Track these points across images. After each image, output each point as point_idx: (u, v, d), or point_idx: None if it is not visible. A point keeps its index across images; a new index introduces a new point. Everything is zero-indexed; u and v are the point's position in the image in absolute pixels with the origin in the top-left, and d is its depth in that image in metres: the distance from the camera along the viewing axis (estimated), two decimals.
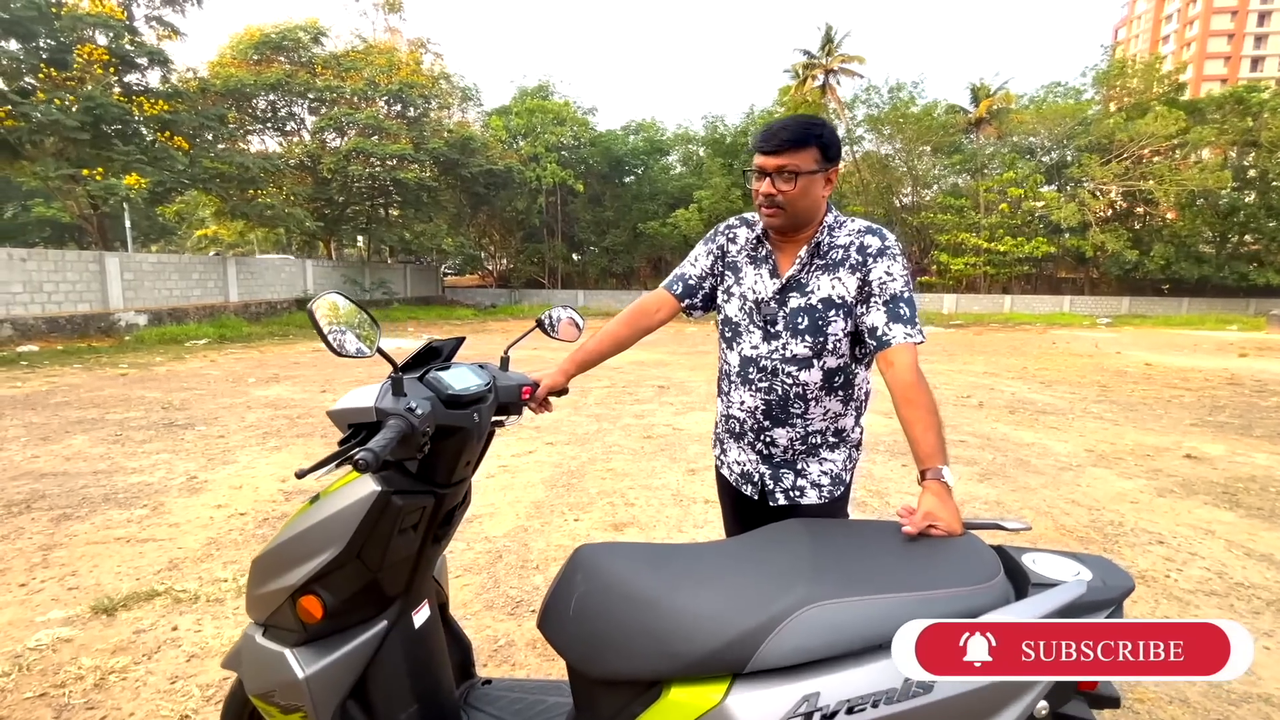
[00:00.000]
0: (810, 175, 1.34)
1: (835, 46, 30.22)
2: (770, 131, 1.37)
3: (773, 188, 1.35)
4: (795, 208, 1.37)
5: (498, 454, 4.79)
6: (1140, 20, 74.88)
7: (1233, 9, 62.77)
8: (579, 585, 1.15)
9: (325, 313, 1.15)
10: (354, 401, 1.17)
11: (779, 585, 1.00)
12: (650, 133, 27.67)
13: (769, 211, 1.39)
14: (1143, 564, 3.02)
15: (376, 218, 23.25)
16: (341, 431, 1.19)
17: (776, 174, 1.35)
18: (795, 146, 1.33)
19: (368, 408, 1.13)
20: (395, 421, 1.07)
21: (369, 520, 1.13)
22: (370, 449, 0.98)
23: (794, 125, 1.35)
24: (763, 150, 1.36)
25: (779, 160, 1.34)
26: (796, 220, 1.40)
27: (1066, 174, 25.30)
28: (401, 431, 1.06)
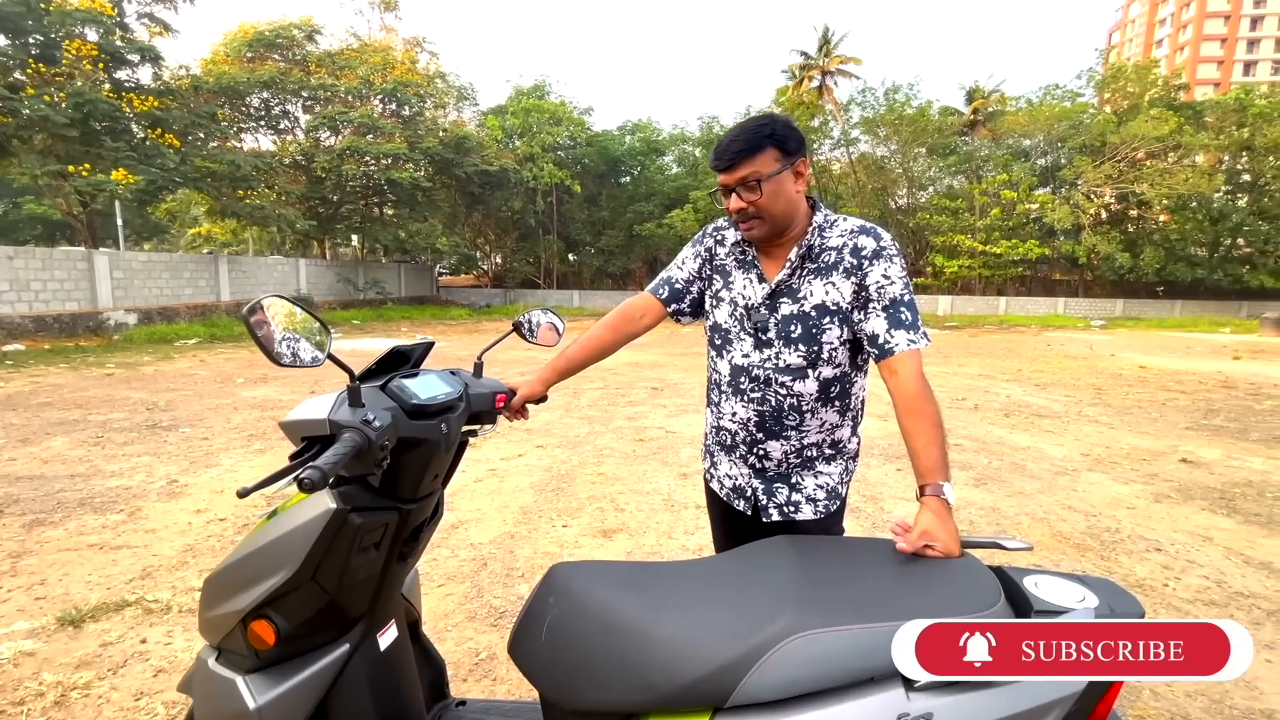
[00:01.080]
0: (775, 176, 1.27)
1: (833, 48, 30.26)
2: (721, 148, 1.30)
3: (741, 202, 1.29)
4: (771, 213, 1.30)
5: (486, 457, 4.72)
6: (1134, 24, 75.25)
7: (1225, 14, 63.17)
8: (551, 608, 1.08)
9: (269, 317, 1.06)
10: (306, 413, 1.09)
11: (764, 612, 0.93)
12: (646, 133, 27.63)
13: (746, 226, 1.33)
14: (1140, 572, 2.96)
15: (371, 217, 23.13)
16: (294, 443, 1.11)
17: (741, 187, 1.28)
18: (749, 154, 1.27)
19: (320, 419, 1.05)
20: (349, 435, 1.00)
21: (324, 540, 1.05)
22: (316, 466, 0.90)
23: (742, 134, 1.28)
24: (718, 168, 1.31)
25: (738, 173, 1.28)
26: (777, 225, 1.33)
27: (1060, 176, 25.37)
28: (356, 446, 0.99)
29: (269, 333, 1.04)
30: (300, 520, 1.07)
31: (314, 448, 1.07)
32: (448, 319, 20.21)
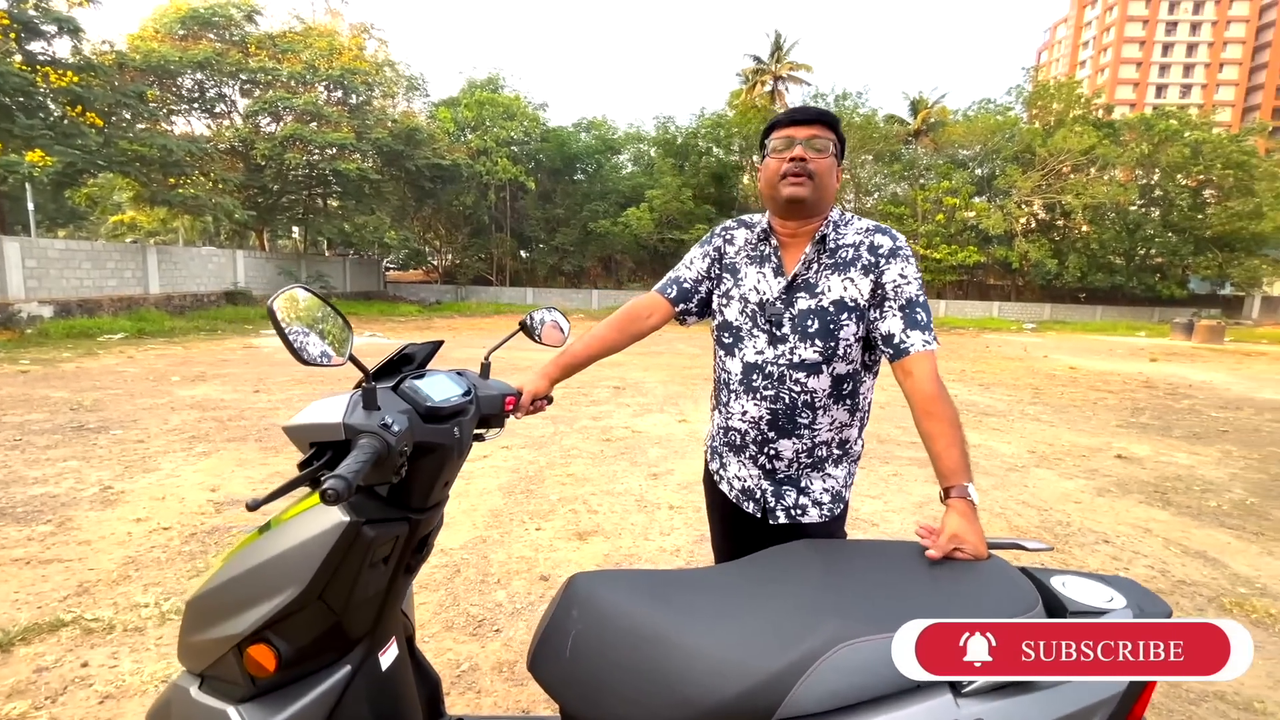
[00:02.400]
0: (834, 155, 1.33)
1: (784, 54, 30.89)
2: (799, 109, 1.36)
3: (804, 153, 1.30)
4: (823, 182, 1.32)
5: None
6: (1060, 45, 79.93)
7: (1141, 39, 67.89)
8: (575, 622, 1.03)
9: (287, 310, 0.98)
10: (317, 416, 1.00)
11: (804, 621, 0.91)
12: (601, 131, 27.50)
13: (797, 180, 1.30)
14: (1093, 564, 3.12)
15: (314, 208, 22.18)
16: (301, 450, 1.02)
17: (807, 143, 1.30)
18: (824, 124, 1.33)
19: (334, 424, 0.97)
20: (368, 441, 0.93)
21: (335, 556, 0.97)
22: (341, 476, 0.83)
23: (821, 110, 1.36)
24: (795, 121, 1.34)
25: (813, 130, 1.31)
26: (820, 198, 1.33)
27: (995, 186, 26.70)
28: (376, 453, 0.92)
29: (290, 327, 0.97)
30: (306, 534, 0.98)
31: (325, 455, 0.99)
32: (396, 315, 19.59)
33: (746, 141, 27.21)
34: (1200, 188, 26.74)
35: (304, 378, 7.67)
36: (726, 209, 26.52)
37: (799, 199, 1.32)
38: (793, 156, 1.30)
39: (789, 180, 1.31)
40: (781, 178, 1.32)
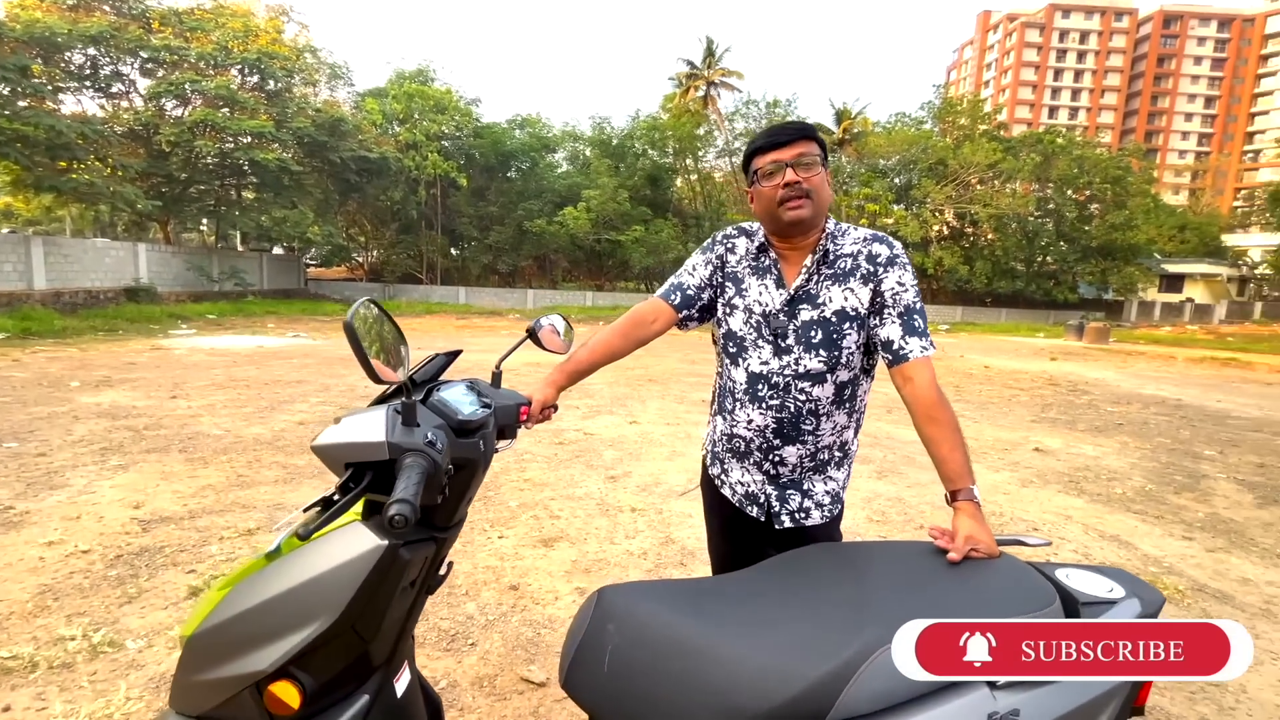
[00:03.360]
0: (822, 164, 1.35)
1: (716, 60, 31.51)
2: (776, 129, 1.36)
3: (797, 175, 1.31)
4: (820, 197, 1.34)
5: None
6: (967, 65, 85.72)
7: (1036, 64, 73.86)
8: (612, 636, 1.02)
9: (361, 326, 0.96)
10: (355, 434, 0.95)
11: (844, 624, 0.95)
12: (536, 128, 27.18)
13: (796, 203, 1.32)
14: (1026, 552, 3.37)
15: (227, 200, 20.73)
16: (336, 473, 0.97)
17: (796, 163, 1.31)
18: (806, 138, 1.33)
19: (377, 442, 0.92)
20: (415, 460, 0.89)
21: (373, 581, 0.92)
22: (406, 500, 0.80)
23: (795, 123, 1.37)
24: (775, 144, 1.34)
25: (797, 149, 1.32)
26: (819, 213, 1.35)
27: (911, 195, 28.35)
28: (425, 472, 0.88)
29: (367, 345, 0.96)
30: (338, 559, 0.93)
31: (363, 476, 0.94)
32: (320, 314, 18.58)
33: (680, 145, 27.65)
34: (1087, 202, 29.44)
35: (225, 383, 7.17)
36: (662, 211, 26.82)
37: (801, 220, 1.34)
38: (787, 181, 1.31)
39: (788, 206, 1.33)
40: (780, 204, 1.33)
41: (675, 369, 10.03)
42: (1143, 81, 74.44)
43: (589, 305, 25.34)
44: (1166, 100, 74.50)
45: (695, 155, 28.98)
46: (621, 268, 28.61)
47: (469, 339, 13.46)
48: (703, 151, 29.41)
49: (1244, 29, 72.33)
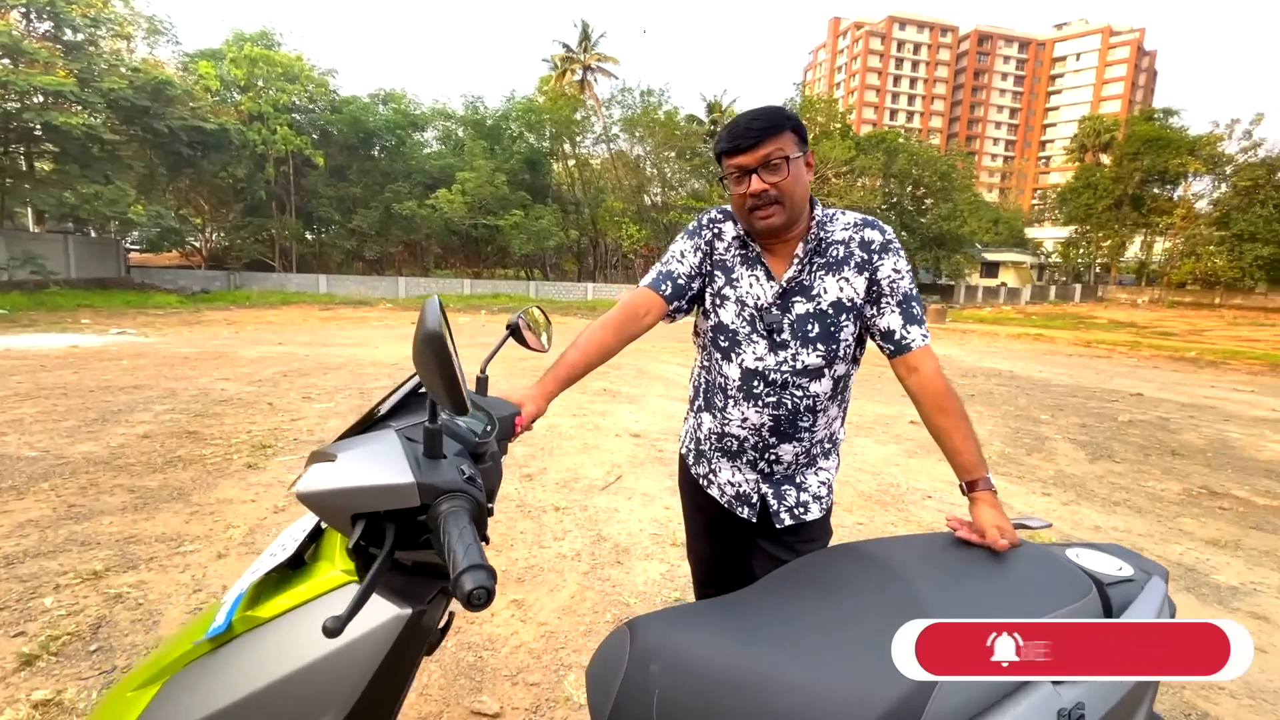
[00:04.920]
0: (796, 159, 1.24)
1: (592, 44, 31.20)
2: (741, 127, 1.23)
3: (762, 183, 1.22)
4: (792, 198, 1.24)
5: (280, 480, 3.90)
6: (821, 66, 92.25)
7: (879, 69, 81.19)
8: (656, 678, 0.89)
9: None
10: (368, 475, 0.74)
11: None
12: (402, 104, 25.32)
13: (765, 213, 1.24)
14: (926, 518, 3.67)
15: (16, 171, 17.24)
16: (337, 527, 0.76)
17: (763, 167, 1.22)
18: (772, 132, 1.22)
19: (404, 484, 0.73)
20: (456, 505, 0.71)
21: (393, 660, 0.73)
22: (481, 565, 0.63)
23: (763, 114, 1.24)
24: (740, 148, 1.23)
25: (761, 151, 1.21)
26: (794, 212, 1.27)
27: None
28: (473, 518, 0.71)
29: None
30: (343, 638, 0.73)
31: (378, 528, 0.74)
32: (151, 308, 16.10)
33: (558, 129, 27.15)
34: (922, 196, 32.98)
35: (33, 392, 5.96)
36: (541, 196, 26.23)
37: (772, 229, 1.28)
38: (752, 191, 1.23)
39: (757, 215, 1.26)
40: (750, 211, 1.27)
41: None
42: (963, 91, 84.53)
43: (467, 293, 24.26)
44: (982, 109, 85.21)
45: (574, 140, 28.60)
46: (501, 254, 27.68)
47: (338, 332, 12.34)
48: (581, 137, 29.11)
49: (1038, 51, 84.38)
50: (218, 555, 2.89)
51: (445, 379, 0.72)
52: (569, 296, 25.96)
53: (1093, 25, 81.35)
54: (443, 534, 0.68)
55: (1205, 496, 4.33)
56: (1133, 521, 3.79)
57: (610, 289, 27.16)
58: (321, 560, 0.80)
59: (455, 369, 0.73)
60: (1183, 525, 3.77)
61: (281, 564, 0.80)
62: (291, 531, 0.89)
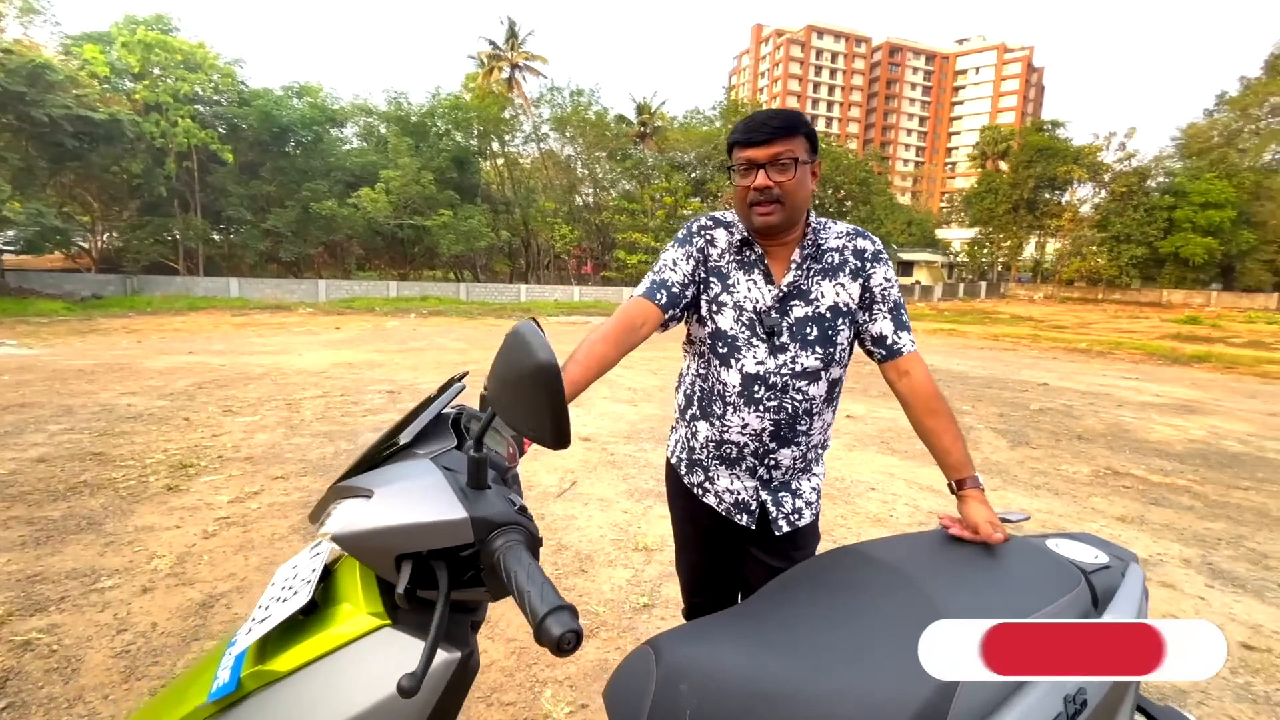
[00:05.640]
0: (805, 165, 1.27)
1: (520, 42, 30.72)
2: (757, 122, 1.26)
3: (768, 179, 1.25)
4: (794, 200, 1.27)
5: (205, 503, 3.61)
6: (745, 71, 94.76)
7: (799, 76, 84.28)
8: (687, 697, 0.88)
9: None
10: (413, 511, 0.69)
11: (921, 633, 0.93)
12: (317, 98, 24.02)
13: (765, 209, 1.27)
14: (872, 509, 3.84)
15: None
16: (378, 567, 0.70)
17: (771, 164, 1.24)
18: (787, 134, 1.24)
19: (456, 520, 0.68)
20: (512, 540, 0.68)
21: (446, 703, 0.69)
22: (563, 605, 0.60)
23: (780, 115, 1.27)
24: (753, 142, 1.25)
25: (773, 149, 1.24)
26: (793, 216, 1.30)
27: (707, 189, 30.64)
28: (531, 552, 0.68)
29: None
30: (388, 689, 0.67)
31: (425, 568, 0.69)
32: (32, 316, 14.53)
33: (486, 127, 26.56)
34: (844, 199, 34.53)
35: None
36: (470, 196, 25.59)
37: (769, 226, 1.30)
38: (757, 185, 1.26)
39: (757, 210, 1.28)
40: (750, 205, 1.29)
41: None
42: (877, 99, 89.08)
43: (393, 296, 23.32)
44: (894, 116, 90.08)
45: (503, 139, 28.06)
46: (428, 255, 26.77)
47: (255, 339, 11.57)
48: (510, 136, 28.61)
49: (943, 64, 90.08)
50: (142, 590, 2.64)
51: (556, 412, 0.68)
52: (501, 298, 25.46)
53: (989, 42, 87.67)
54: (504, 572, 0.65)
55: (1110, 477, 4.75)
56: (1053, 503, 4.10)
57: (544, 290, 26.83)
58: (340, 603, 0.74)
59: (565, 401, 0.69)
60: (1095, 504, 4.12)
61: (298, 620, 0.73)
62: (294, 572, 0.82)
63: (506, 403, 0.70)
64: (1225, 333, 20.18)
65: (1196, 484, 4.65)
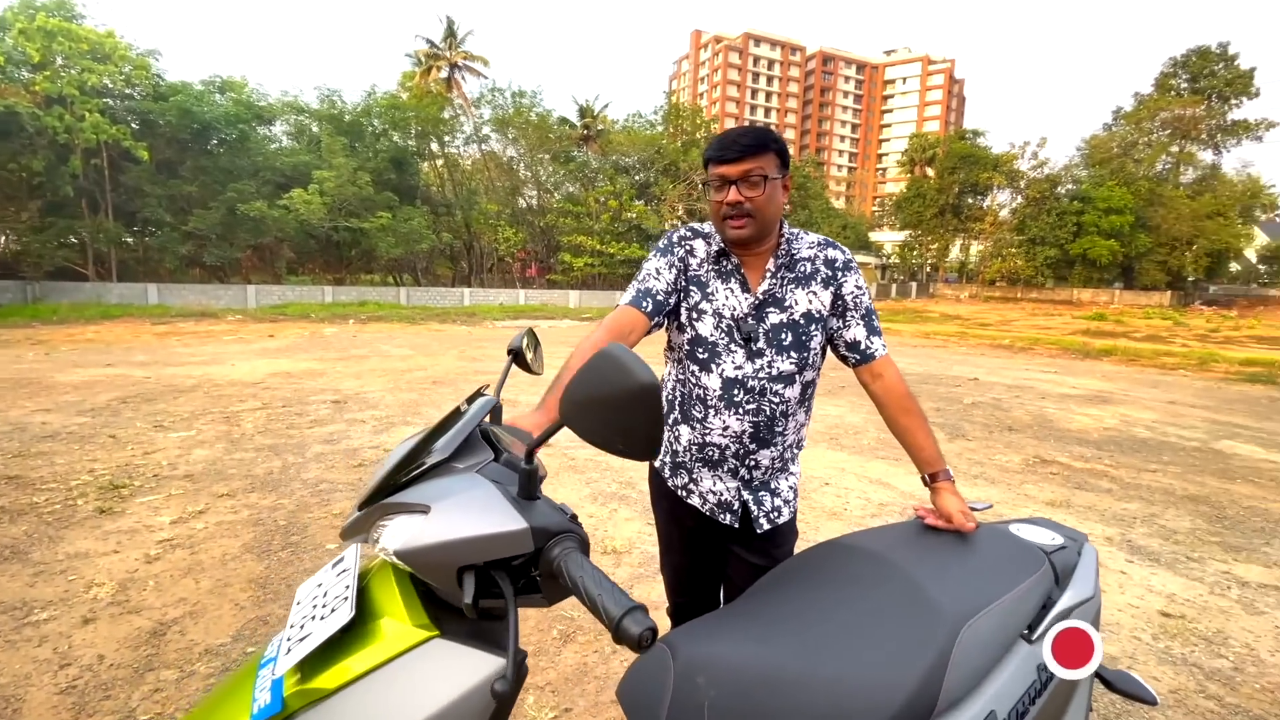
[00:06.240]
0: (774, 180, 1.34)
1: (459, 41, 30.12)
2: (729, 139, 1.33)
3: (740, 195, 1.31)
4: (764, 215, 1.34)
5: (144, 525, 3.41)
6: (684, 76, 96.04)
7: (737, 82, 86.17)
8: (705, 689, 0.92)
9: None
10: (474, 524, 0.70)
11: (912, 616, 1.00)
12: (242, 94, 22.79)
13: (737, 224, 1.34)
14: (829, 503, 4.00)
15: None
16: (438, 582, 0.71)
17: (743, 180, 1.31)
18: (757, 151, 1.31)
19: (518, 531, 0.70)
20: (569, 546, 0.71)
21: (502, 709, 0.71)
22: (634, 605, 0.63)
23: (751, 132, 1.34)
24: (724, 159, 1.32)
25: (744, 165, 1.31)
26: (764, 229, 1.37)
27: (651, 192, 30.91)
28: (582, 553, 0.71)
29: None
30: (442, 700, 0.68)
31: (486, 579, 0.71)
32: None
33: (424, 127, 25.91)
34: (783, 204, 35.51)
35: None
36: (409, 198, 24.89)
37: (741, 240, 1.38)
38: (729, 200, 1.32)
39: (729, 224, 1.35)
40: (724, 219, 1.36)
41: (458, 368, 9.48)
42: (812, 106, 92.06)
43: (329, 301, 22.41)
44: (829, 123, 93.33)
45: (442, 140, 27.43)
46: (366, 258, 25.84)
47: (181, 349, 10.89)
48: (450, 137, 28.01)
49: (873, 74, 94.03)
50: (83, 621, 2.48)
51: (654, 426, 0.70)
52: (444, 302, 24.86)
53: (915, 54, 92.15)
54: (567, 578, 0.68)
55: (1039, 465, 5.11)
56: (990, 491, 4.39)
57: (489, 294, 26.38)
58: (379, 616, 0.74)
59: (663, 415, 0.72)
60: (1027, 491, 4.43)
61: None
62: (321, 589, 0.82)
63: (592, 420, 0.72)
64: (1128, 328, 21.94)
65: (1113, 469, 5.07)
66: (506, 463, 0.85)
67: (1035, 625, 1.08)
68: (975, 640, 0.97)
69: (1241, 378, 10.97)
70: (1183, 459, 5.42)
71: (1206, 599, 2.94)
